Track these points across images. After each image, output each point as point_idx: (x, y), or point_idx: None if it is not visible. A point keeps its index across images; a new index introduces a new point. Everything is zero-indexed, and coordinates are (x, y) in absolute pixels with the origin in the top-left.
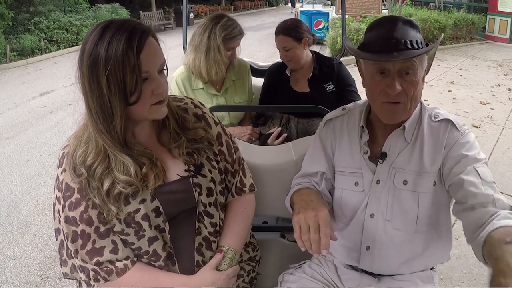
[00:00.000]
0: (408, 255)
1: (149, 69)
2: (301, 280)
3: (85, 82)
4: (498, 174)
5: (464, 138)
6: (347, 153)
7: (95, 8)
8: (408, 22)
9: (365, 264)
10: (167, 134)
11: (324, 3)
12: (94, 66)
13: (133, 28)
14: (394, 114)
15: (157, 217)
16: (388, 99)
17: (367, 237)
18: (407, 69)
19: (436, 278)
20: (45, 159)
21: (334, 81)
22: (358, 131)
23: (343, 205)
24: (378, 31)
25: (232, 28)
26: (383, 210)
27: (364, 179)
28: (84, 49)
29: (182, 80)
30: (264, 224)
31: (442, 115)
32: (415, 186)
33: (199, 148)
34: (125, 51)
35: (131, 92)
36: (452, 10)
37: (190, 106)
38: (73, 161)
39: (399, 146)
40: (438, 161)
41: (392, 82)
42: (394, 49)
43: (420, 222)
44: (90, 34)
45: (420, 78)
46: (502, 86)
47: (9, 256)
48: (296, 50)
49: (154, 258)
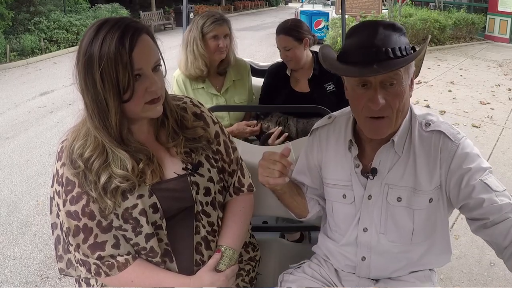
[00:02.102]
0: (405, 262)
1: (142, 66)
2: (301, 280)
3: (81, 80)
4: (498, 174)
5: (461, 148)
6: (334, 165)
7: (95, 8)
8: (390, 26)
9: (362, 272)
10: (166, 133)
11: (324, 3)
12: (89, 63)
13: (127, 25)
14: (379, 130)
15: (155, 213)
16: (372, 114)
17: (362, 250)
18: (391, 80)
19: (436, 278)
20: (45, 159)
21: (334, 81)
22: (345, 144)
23: (335, 216)
24: (358, 38)
25: (210, 16)
26: (376, 224)
27: (355, 193)
28: (81, 47)
29: (182, 80)
30: (264, 224)
31: (433, 124)
32: (410, 203)
33: (197, 147)
34: (117, 48)
35: (124, 89)
36: (452, 10)
37: (189, 105)
38: (71, 154)
39: (390, 160)
40: (435, 178)
41: (374, 95)
42: (375, 60)
43: (416, 235)
44: (86, 32)
45: (406, 86)
46: (502, 86)
47: (9, 256)
48: (296, 50)
49: (151, 254)
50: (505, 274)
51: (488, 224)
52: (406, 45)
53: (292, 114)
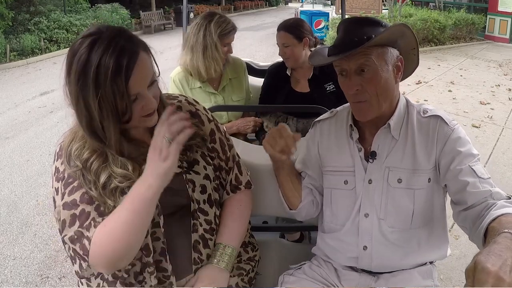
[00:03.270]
0: (405, 251)
1: (139, 90)
2: (301, 281)
3: (73, 99)
4: (498, 174)
5: (455, 133)
6: (335, 152)
7: (95, 8)
8: (366, 20)
9: (363, 263)
10: None
11: (324, 3)
12: (83, 88)
13: (122, 48)
14: (361, 112)
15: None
16: (352, 99)
17: (364, 238)
18: (362, 66)
19: (436, 273)
20: (45, 159)
21: (334, 81)
22: (347, 131)
23: (333, 206)
24: (339, 34)
25: (226, 24)
26: (377, 209)
27: (356, 178)
28: (71, 63)
29: (180, 80)
30: (264, 224)
31: (430, 111)
32: (410, 184)
33: (192, 145)
34: (114, 79)
35: (123, 113)
36: (452, 10)
37: (184, 103)
38: (69, 155)
39: (387, 144)
40: (432, 158)
41: (348, 82)
42: (347, 49)
43: (415, 218)
44: (78, 46)
45: (381, 74)
46: (502, 86)
47: (9, 256)
48: (294, 48)
49: (145, 252)
50: None
51: (467, 208)
52: (378, 34)
53: (292, 114)
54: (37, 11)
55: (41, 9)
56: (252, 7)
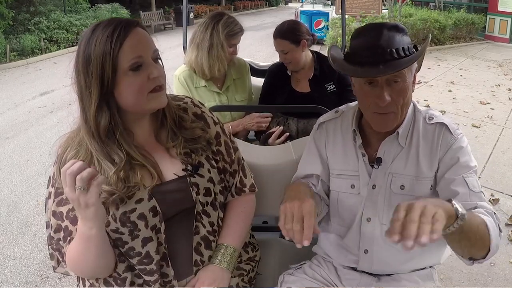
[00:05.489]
0: (406, 256)
1: (141, 54)
2: (301, 280)
3: (76, 78)
4: (498, 174)
5: (458, 143)
6: (341, 156)
7: (95, 8)
8: (393, 27)
9: (364, 266)
10: (165, 133)
11: (324, 3)
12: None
13: (119, 21)
14: (386, 124)
15: (154, 216)
16: (379, 110)
17: (365, 241)
18: (395, 78)
19: (436, 276)
20: (45, 159)
21: (335, 81)
22: (351, 135)
23: (339, 208)
24: (364, 40)
25: (234, 25)
26: (379, 214)
27: (361, 182)
28: (79, 49)
29: (184, 78)
30: (264, 224)
31: (436, 118)
32: (413, 190)
33: (197, 148)
34: (106, 41)
35: (110, 82)
36: (452, 10)
37: (190, 105)
38: (62, 161)
39: (393, 151)
40: (434, 165)
41: (381, 93)
42: (381, 61)
43: None
44: (82, 36)
45: (409, 82)
46: (502, 86)
47: (9, 256)
48: (294, 53)
49: (146, 260)
50: (505, 274)
51: None
52: (409, 45)
53: (292, 114)
54: (37, 11)
55: (41, 9)
56: (252, 7)
